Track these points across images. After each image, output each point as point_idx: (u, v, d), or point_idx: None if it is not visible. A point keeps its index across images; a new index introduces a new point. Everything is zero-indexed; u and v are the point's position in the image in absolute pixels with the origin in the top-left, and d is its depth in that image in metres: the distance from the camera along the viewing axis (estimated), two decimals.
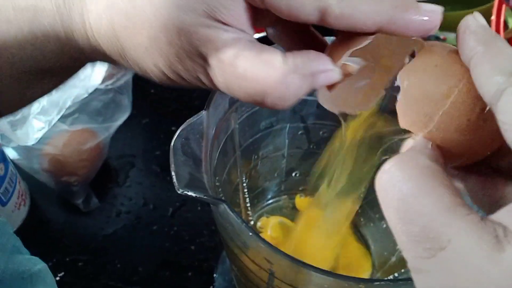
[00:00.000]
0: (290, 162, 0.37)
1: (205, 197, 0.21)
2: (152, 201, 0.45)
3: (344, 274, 0.34)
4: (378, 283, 0.19)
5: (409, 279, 0.20)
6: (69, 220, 0.43)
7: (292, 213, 0.38)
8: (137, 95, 0.51)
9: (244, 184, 0.35)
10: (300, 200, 0.38)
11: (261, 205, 0.38)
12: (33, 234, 0.41)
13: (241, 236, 0.21)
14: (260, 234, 0.36)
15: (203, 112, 0.24)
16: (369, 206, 0.36)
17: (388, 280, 0.18)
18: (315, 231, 0.32)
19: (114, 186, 0.45)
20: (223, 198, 0.28)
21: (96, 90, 0.44)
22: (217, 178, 0.29)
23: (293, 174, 0.38)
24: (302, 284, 0.21)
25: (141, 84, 0.53)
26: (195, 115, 0.24)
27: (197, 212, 0.44)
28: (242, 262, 0.24)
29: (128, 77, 0.47)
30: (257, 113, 0.31)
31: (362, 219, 0.37)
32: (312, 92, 0.33)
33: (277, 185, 0.38)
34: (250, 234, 0.20)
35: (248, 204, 0.37)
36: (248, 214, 0.37)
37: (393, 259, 0.33)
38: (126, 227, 0.43)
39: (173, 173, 0.22)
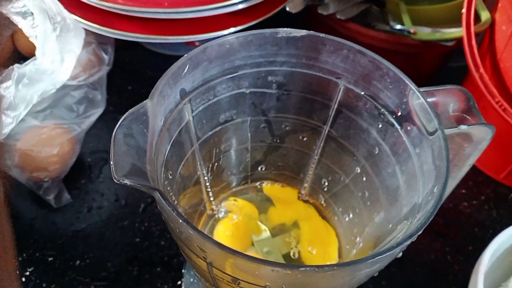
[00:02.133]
0: (255, 156, 0.37)
1: (138, 185, 0.21)
2: (124, 197, 0.45)
3: (309, 245, 0.34)
4: (303, 269, 0.18)
5: (335, 265, 0.20)
6: (40, 215, 0.43)
7: (260, 200, 0.38)
8: (113, 91, 0.52)
9: (206, 178, 0.35)
10: (268, 188, 0.38)
11: (226, 197, 0.37)
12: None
13: (175, 225, 0.21)
14: (226, 218, 0.36)
15: (147, 102, 0.24)
16: (333, 199, 0.36)
17: (314, 266, 0.18)
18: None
19: (87, 182, 0.45)
20: (169, 189, 0.28)
21: (68, 86, 0.45)
22: (170, 171, 0.29)
23: (259, 168, 0.38)
24: (235, 272, 0.21)
25: (117, 81, 0.53)
26: (138, 105, 0.24)
27: None
28: (185, 254, 0.24)
29: (102, 73, 0.47)
30: (214, 105, 0.31)
31: (326, 212, 0.37)
32: (271, 86, 0.33)
33: (244, 179, 0.38)
34: (181, 221, 0.20)
35: (212, 198, 0.36)
36: (213, 208, 0.37)
37: (354, 251, 0.33)
38: (96, 223, 0.43)
39: (111, 163, 0.22)
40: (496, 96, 0.41)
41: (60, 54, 0.39)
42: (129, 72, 0.55)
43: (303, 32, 0.29)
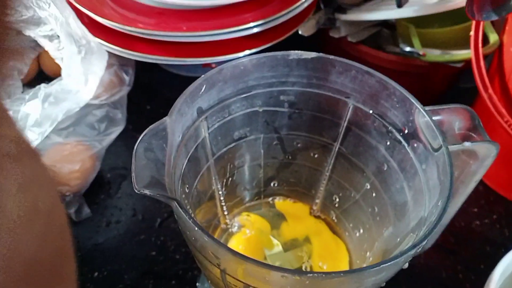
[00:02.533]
0: (268, 172, 0.38)
1: (157, 195, 0.23)
2: (141, 212, 0.46)
3: (320, 261, 0.35)
4: (311, 275, 0.20)
5: (341, 272, 0.21)
6: None
7: (272, 215, 0.39)
8: (132, 110, 0.54)
9: (220, 193, 0.36)
10: (280, 203, 0.39)
11: (240, 211, 0.39)
12: None
13: (191, 233, 0.23)
14: (239, 233, 0.37)
15: (166, 119, 0.26)
16: (343, 215, 0.37)
17: (322, 273, 0.19)
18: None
19: (106, 197, 0.47)
20: (186, 203, 0.29)
21: (91, 105, 0.47)
22: (186, 185, 0.30)
23: (272, 184, 0.39)
24: (247, 278, 0.22)
25: (137, 101, 0.55)
26: (158, 122, 0.26)
27: None
28: (200, 262, 0.26)
29: (122, 93, 0.50)
30: (229, 123, 0.33)
31: (338, 228, 0.38)
32: (283, 104, 0.34)
33: (257, 194, 0.39)
34: (196, 229, 0.21)
35: (226, 212, 0.38)
36: (227, 222, 0.38)
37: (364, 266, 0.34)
38: (114, 237, 0.44)
39: (133, 175, 0.24)
40: (505, 115, 0.42)
41: (84, 75, 0.41)
42: (148, 92, 0.57)
43: (313, 54, 0.31)
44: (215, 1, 0.45)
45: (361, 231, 0.36)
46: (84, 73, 0.42)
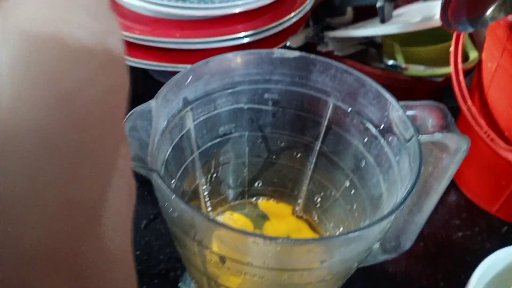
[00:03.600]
0: (252, 171, 0.39)
1: (139, 166, 0.24)
2: None
3: None
4: (281, 240, 0.20)
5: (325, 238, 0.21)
6: None
7: (256, 215, 0.40)
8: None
9: (204, 187, 0.37)
10: (263, 203, 0.40)
11: (224, 210, 0.39)
12: None
13: (169, 204, 0.24)
14: None
15: (151, 101, 0.28)
16: (324, 215, 0.38)
17: (292, 239, 0.20)
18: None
19: None
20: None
21: None
22: (169, 173, 0.32)
23: (256, 184, 0.40)
24: (222, 249, 0.23)
25: (129, 108, 0.56)
26: (144, 104, 0.27)
27: None
28: (179, 240, 0.26)
29: None
30: (214, 117, 0.34)
31: (319, 228, 0.39)
32: (267, 102, 0.36)
33: (241, 194, 0.40)
34: (173, 196, 0.22)
35: (210, 209, 0.39)
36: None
37: None
38: None
39: None
40: (484, 127, 0.44)
41: None
42: (138, 101, 0.59)
43: (296, 53, 0.33)
44: (207, 12, 0.47)
45: (341, 229, 0.37)
46: None
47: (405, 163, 0.28)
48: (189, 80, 0.30)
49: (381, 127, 0.31)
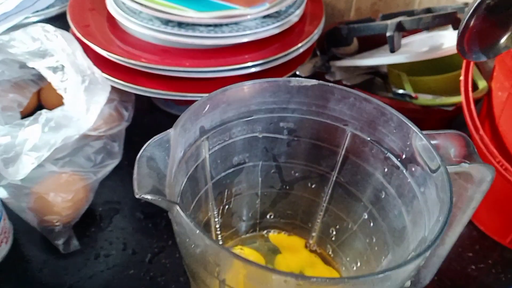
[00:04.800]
0: (265, 202, 0.38)
1: (159, 199, 0.23)
2: (132, 246, 0.45)
3: None
4: (315, 279, 0.19)
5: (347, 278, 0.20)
6: (49, 260, 0.43)
7: (267, 249, 0.38)
8: (130, 148, 0.54)
9: (216, 220, 0.36)
10: (274, 236, 0.39)
11: (234, 244, 0.38)
12: (11, 272, 0.42)
13: (192, 238, 0.22)
14: None
15: (170, 131, 0.27)
16: (340, 249, 0.37)
17: (325, 278, 0.19)
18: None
19: (96, 230, 0.46)
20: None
21: (88, 136, 0.47)
22: (184, 203, 0.30)
23: (268, 216, 0.39)
24: (248, 287, 0.21)
25: (135, 139, 0.55)
26: (162, 133, 0.26)
27: (175, 259, 0.44)
28: (198, 277, 0.25)
29: (121, 127, 0.50)
30: (229, 147, 0.33)
31: (334, 263, 0.37)
32: (282, 131, 0.35)
33: (252, 226, 0.39)
34: (198, 231, 0.21)
35: (221, 243, 0.37)
36: None
37: None
38: (103, 270, 0.43)
39: (135, 182, 0.24)
40: (497, 156, 0.43)
41: (86, 104, 0.42)
42: (147, 132, 0.58)
43: (314, 81, 0.32)
44: (216, 41, 0.47)
45: (359, 264, 0.35)
46: (87, 101, 0.42)
47: (432, 193, 0.27)
48: (206, 109, 0.30)
49: (403, 157, 0.30)
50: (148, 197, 0.23)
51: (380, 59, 0.50)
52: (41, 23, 0.46)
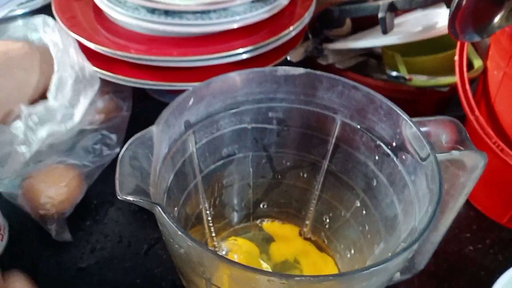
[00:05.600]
0: (257, 192, 0.38)
1: (140, 200, 0.22)
2: (128, 238, 0.45)
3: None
4: (298, 278, 0.19)
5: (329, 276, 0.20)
6: (44, 255, 0.43)
7: (262, 238, 0.38)
8: (125, 139, 0.53)
9: (208, 212, 0.35)
10: (268, 225, 0.38)
11: (228, 235, 0.38)
12: (8, 268, 0.42)
13: (175, 239, 0.22)
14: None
15: (152, 128, 0.26)
16: (334, 236, 0.36)
17: (310, 276, 0.19)
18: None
19: (92, 223, 0.46)
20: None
21: (85, 130, 0.47)
22: (172, 201, 0.30)
23: (261, 206, 0.39)
24: (233, 286, 0.21)
25: (129, 130, 0.55)
26: (144, 130, 0.26)
27: None
28: (185, 276, 0.25)
29: (119, 118, 0.50)
30: (217, 139, 0.33)
31: (328, 250, 0.37)
32: (271, 121, 0.34)
33: (245, 216, 0.39)
34: (180, 233, 0.21)
35: (214, 234, 0.37)
36: (215, 245, 0.37)
37: None
38: (99, 263, 0.43)
39: (117, 182, 0.23)
40: (493, 137, 0.42)
41: (71, 99, 0.42)
42: (141, 121, 0.57)
43: (301, 70, 0.32)
44: (204, 28, 0.46)
45: (352, 251, 0.35)
46: (72, 97, 0.42)
47: (422, 183, 0.27)
48: (190, 102, 0.29)
49: (394, 145, 0.30)
50: (130, 198, 0.22)
51: (373, 41, 0.49)
52: (43, 15, 0.46)
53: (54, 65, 0.42)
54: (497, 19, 0.37)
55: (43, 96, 0.52)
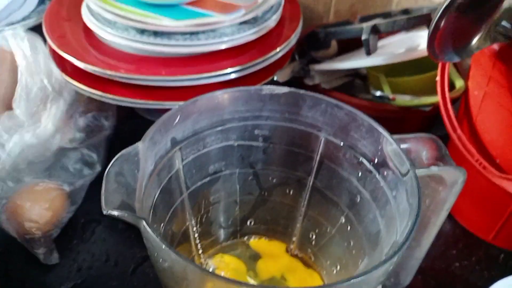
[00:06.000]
0: (244, 209, 0.38)
1: (125, 214, 0.23)
2: (115, 257, 0.45)
3: None
4: None
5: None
6: (31, 274, 0.43)
7: (249, 256, 0.38)
8: (112, 157, 0.54)
9: (195, 229, 0.36)
10: (255, 242, 0.39)
11: (215, 252, 0.38)
12: None
13: (159, 253, 0.22)
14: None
15: (138, 144, 0.26)
16: (320, 253, 0.37)
17: None
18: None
19: (78, 242, 0.46)
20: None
21: (65, 148, 0.47)
22: (158, 217, 0.30)
23: (248, 223, 0.39)
24: None
25: (117, 148, 0.55)
26: (130, 147, 0.26)
27: None
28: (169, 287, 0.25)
29: (100, 137, 0.50)
30: (204, 156, 0.33)
31: (315, 266, 0.37)
32: (257, 139, 0.35)
33: (232, 234, 0.39)
34: (164, 246, 0.21)
35: (200, 251, 0.37)
36: (202, 262, 0.37)
37: None
38: (85, 282, 0.42)
39: (102, 197, 0.24)
40: (475, 154, 0.43)
41: (39, 110, 0.42)
42: (129, 139, 0.57)
43: (285, 89, 0.32)
44: (193, 49, 0.46)
45: (338, 267, 0.35)
46: (42, 107, 0.42)
47: (403, 198, 0.27)
48: (177, 120, 0.30)
49: (375, 161, 0.30)
50: (115, 213, 0.23)
51: (358, 62, 0.50)
52: (15, 29, 0.46)
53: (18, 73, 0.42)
54: (475, 40, 0.38)
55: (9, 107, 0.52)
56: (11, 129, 0.39)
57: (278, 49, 0.50)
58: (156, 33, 0.46)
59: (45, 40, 0.48)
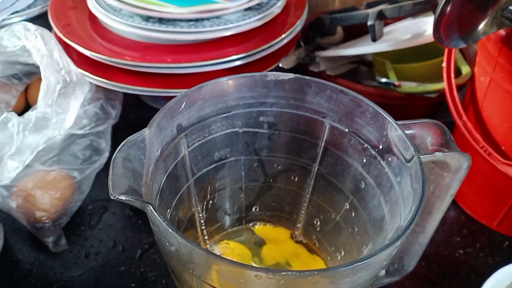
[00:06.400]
0: (249, 196, 0.38)
1: (133, 199, 0.23)
2: (122, 243, 0.46)
3: None
4: (285, 273, 0.19)
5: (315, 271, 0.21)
6: (38, 260, 0.43)
7: (254, 242, 0.39)
8: (118, 144, 0.54)
9: (201, 215, 0.36)
10: (260, 228, 0.39)
11: (220, 238, 0.38)
12: (1, 272, 0.42)
13: (166, 237, 0.23)
14: None
15: (145, 130, 0.27)
16: (325, 239, 0.37)
17: (296, 271, 0.19)
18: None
19: (86, 229, 0.46)
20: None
21: (74, 135, 0.47)
22: (165, 203, 0.31)
23: (253, 209, 0.39)
24: (222, 283, 0.22)
25: (123, 135, 0.55)
26: (137, 133, 0.27)
27: None
28: (177, 274, 0.25)
29: (107, 124, 0.50)
30: (209, 143, 0.34)
31: (320, 252, 0.38)
32: (262, 125, 0.35)
33: (238, 220, 0.39)
34: (170, 230, 0.21)
35: (206, 237, 0.37)
36: (207, 248, 0.38)
37: None
38: (93, 268, 0.43)
39: (109, 182, 0.24)
40: (480, 141, 0.43)
41: (62, 104, 0.42)
42: (134, 127, 0.58)
43: (290, 75, 0.32)
44: (198, 36, 0.46)
45: (342, 253, 0.36)
46: (62, 102, 0.42)
47: (407, 184, 0.27)
48: (182, 106, 0.30)
49: (380, 147, 0.31)
50: (122, 197, 0.23)
51: (364, 48, 0.50)
52: (24, 22, 0.46)
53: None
54: (481, 25, 0.38)
55: (32, 103, 0.53)
56: (38, 125, 0.40)
57: (283, 36, 0.50)
58: (161, 20, 0.46)
59: (50, 28, 0.49)
